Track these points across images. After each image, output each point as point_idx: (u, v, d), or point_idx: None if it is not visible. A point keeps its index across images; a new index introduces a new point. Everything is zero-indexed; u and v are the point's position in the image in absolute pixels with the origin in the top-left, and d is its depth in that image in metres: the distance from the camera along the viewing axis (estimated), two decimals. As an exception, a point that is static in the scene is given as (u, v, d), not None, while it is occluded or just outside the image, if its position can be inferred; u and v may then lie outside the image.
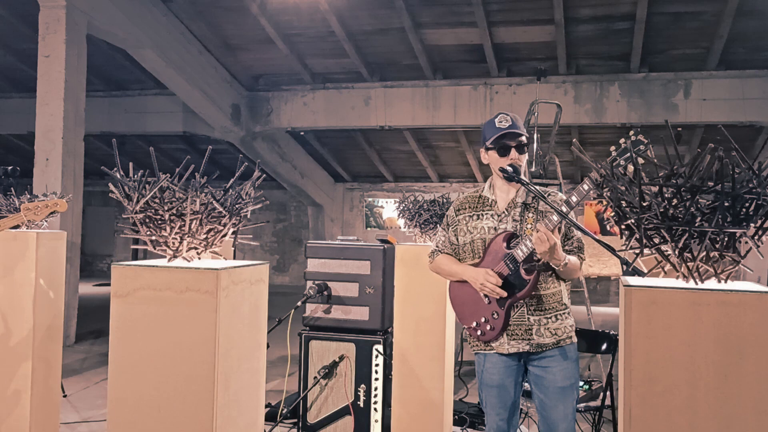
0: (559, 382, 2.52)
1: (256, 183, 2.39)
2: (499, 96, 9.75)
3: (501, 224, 2.59)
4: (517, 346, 2.54)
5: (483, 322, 2.58)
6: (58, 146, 7.10)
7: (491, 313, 2.56)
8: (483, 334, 2.59)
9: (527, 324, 2.53)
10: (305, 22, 8.74)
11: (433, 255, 2.79)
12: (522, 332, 2.53)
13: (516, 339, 2.54)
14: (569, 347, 2.56)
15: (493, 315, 2.55)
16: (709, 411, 1.70)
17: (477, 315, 2.61)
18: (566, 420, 2.53)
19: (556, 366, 2.53)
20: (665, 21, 8.08)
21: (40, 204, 3.27)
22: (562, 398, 2.52)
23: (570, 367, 2.55)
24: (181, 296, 2.13)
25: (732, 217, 1.77)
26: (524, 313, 2.53)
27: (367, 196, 14.60)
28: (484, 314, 2.58)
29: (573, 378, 2.56)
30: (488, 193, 2.68)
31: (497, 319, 2.54)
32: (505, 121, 2.58)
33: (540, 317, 2.53)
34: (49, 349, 3.67)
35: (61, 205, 3.31)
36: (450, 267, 2.68)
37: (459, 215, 2.71)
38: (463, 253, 2.68)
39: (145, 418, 2.16)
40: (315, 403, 3.99)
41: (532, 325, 2.53)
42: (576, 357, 2.60)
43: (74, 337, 7.40)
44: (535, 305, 2.53)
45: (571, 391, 2.55)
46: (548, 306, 2.54)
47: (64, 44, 7.13)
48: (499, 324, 2.54)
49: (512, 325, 2.54)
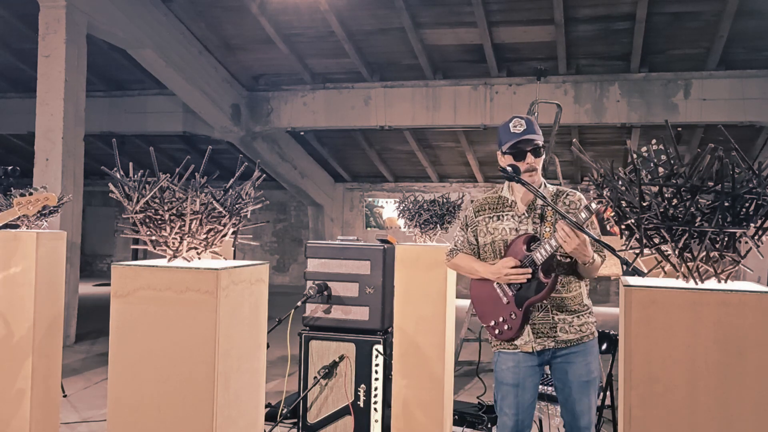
0: (583, 376, 2.60)
1: (256, 183, 2.39)
2: (499, 96, 9.75)
3: (522, 225, 2.62)
4: (543, 343, 2.59)
5: (501, 321, 2.63)
6: (58, 146, 7.10)
7: (509, 313, 2.60)
8: (501, 333, 2.64)
9: (552, 322, 2.58)
10: (305, 22, 8.74)
11: (452, 253, 2.82)
12: (547, 329, 2.59)
13: (542, 336, 2.59)
14: (591, 342, 2.64)
15: (511, 315, 2.60)
16: (709, 411, 1.70)
17: (495, 314, 2.65)
18: (589, 412, 2.63)
19: (581, 361, 2.60)
20: (665, 21, 8.08)
21: (32, 198, 3.28)
22: (586, 391, 2.61)
23: (593, 362, 2.63)
24: (181, 296, 2.13)
25: (732, 217, 1.77)
26: (548, 312, 2.59)
27: (367, 196, 14.60)
28: (502, 314, 2.63)
29: (596, 372, 2.65)
30: (507, 193, 2.72)
31: (515, 319, 2.58)
32: (520, 125, 2.61)
33: (564, 316, 2.59)
34: (50, 348, 3.67)
35: (51, 198, 3.34)
36: (470, 264, 2.73)
37: (479, 216, 2.74)
38: (483, 254, 2.72)
39: (145, 418, 2.16)
40: (315, 403, 3.99)
41: (557, 323, 2.58)
42: (597, 352, 2.69)
43: (74, 337, 7.40)
44: (557, 306, 2.58)
45: (594, 384, 2.64)
46: (571, 308, 2.60)
47: (64, 44, 7.14)
48: (516, 324, 2.58)
49: (537, 324, 2.59)
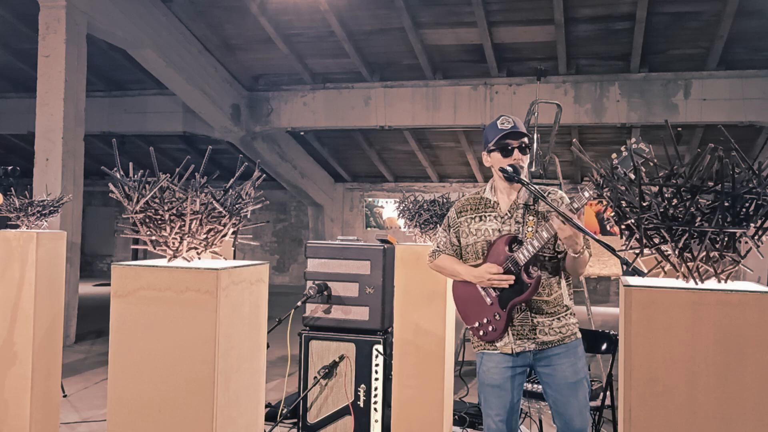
0: (569, 377, 2.57)
1: (256, 183, 2.39)
2: (499, 96, 9.75)
3: (504, 226, 2.61)
4: (522, 345, 2.57)
5: (485, 322, 2.61)
6: (58, 146, 7.10)
7: (493, 314, 2.59)
8: (485, 334, 2.62)
9: (531, 324, 2.56)
10: (305, 22, 8.74)
11: (434, 255, 2.81)
12: (527, 331, 2.56)
13: (522, 338, 2.57)
14: (574, 343, 2.61)
15: (495, 316, 2.58)
16: (709, 411, 1.70)
17: (479, 315, 2.63)
18: (581, 414, 2.58)
19: (564, 362, 2.57)
20: (665, 21, 8.08)
21: None
22: (574, 393, 2.57)
23: (577, 362, 2.60)
24: (181, 296, 2.13)
25: (732, 217, 1.77)
26: (528, 314, 2.57)
27: (367, 196, 14.60)
28: (486, 315, 2.61)
29: (582, 372, 2.61)
30: (490, 194, 2.70)
31: (499, 320, 2.57)
32: (507, 122, 2.60)
33: (544, 319, 2.57)
34: (49, 349, 3.67)
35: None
36: (452, 267, 2.71)
37: (461, 217, 2.73)
38: (466, 255, 2.70)
39: (145, 418, 2.16)
40: (315, 403, 3.99)
41: (536, 326, 2.56)
42: (582, 352, 2.65)
43: (74, 337, 7.40)
44: (536, 309, 2.56)
45: (581, 385, 2.60)
46: (551, 310, 2.58)
47: (64, 44, 7.13)
48: (501, 325, 2.56)
49: (517, 325, 2.57)
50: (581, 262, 2.49)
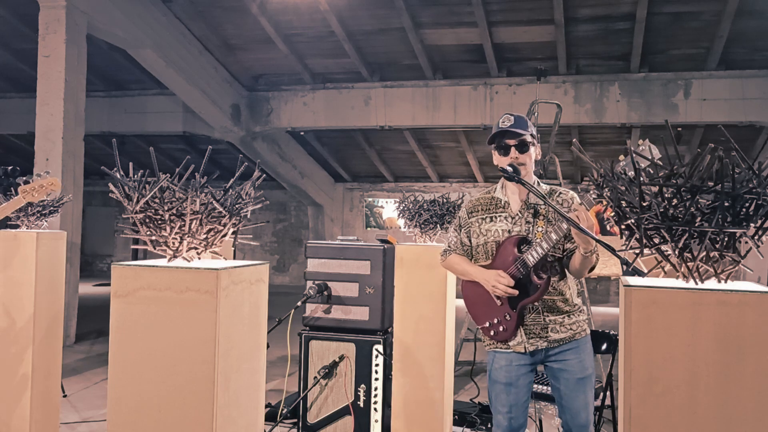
0: (577, 373, 2.60)
1: (256, 183, 2.39)
2: (499, 96, 9.74)
3: (515, 227, 2.61)
4: (535, 344, 2.59)
5: (495, 322, 2.63)
6: (58, 146, 7.10)
7: (504, 314, 2.60)
8: (496, 334, 2.64)
9: (543, 323, 2.59)
10: (305, 22, 8.74)
11: (446, 254, 2.82)
12: (539, 330, 2.59)
13: (534, 337, 2.59)
14: (584, 339, 2.64)
15: (506, 316, 2.60)
16: (709, 411, 1.70)
17: (489, 315, 2.65)
18: (586, 409, 2.62)
19: (574, 358, 2.60)
20: (665, 21, 8.08)
21: (35, 185, 3.28)
22: (582, 389, 2.61)
23: (586, 359, 2.63)
24: (181, 296, 2.13)
25: (732, 217, 1.77)
26: (539, 313, 2.59)
27: (367, 196, 14.60)
28: (496, 315, 2.63)
29: (590, 368, 2.64)
30: (500, 194, 2.70)
31: (509, 320, 2.59)
32: (508, 120, 2.59)
33: (555, 317, 2.59)
34: (49, 349, 3.67)
35: (56, 184, 3.33)
36: (463, 267, 2.72)
37: (472, 217, 2.73)
38: (476, 254, 2.71)
39: (145, 418, 2.16)
40: (315, 403, 3.99)
41: (548, 324, 2.59)
42: (590, 348, 2.68)
43: (74, 337, 7.40)
44: (548, 308, 2.59)
45: (589, 381, 2.63)
46: (562, 309, 2.60)
47: (64, 44, 7.13)
48: (512, 325, 2.58)
49: (529, 324, 2.59)
50: (588, 263, 2.48)
